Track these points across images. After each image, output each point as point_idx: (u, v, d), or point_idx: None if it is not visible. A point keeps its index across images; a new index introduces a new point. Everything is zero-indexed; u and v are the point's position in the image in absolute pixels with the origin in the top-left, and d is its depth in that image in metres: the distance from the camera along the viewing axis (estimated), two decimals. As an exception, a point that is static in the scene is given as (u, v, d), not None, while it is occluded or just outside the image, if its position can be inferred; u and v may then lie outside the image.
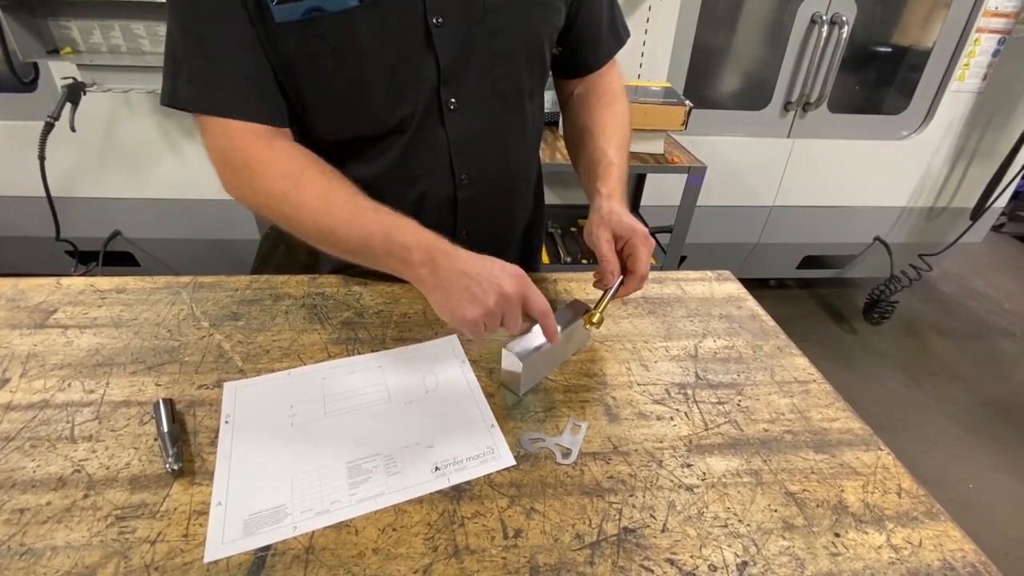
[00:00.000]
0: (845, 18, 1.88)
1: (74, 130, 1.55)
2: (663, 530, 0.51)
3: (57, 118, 1.54)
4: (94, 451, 0.56)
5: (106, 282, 0.82)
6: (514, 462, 0.57)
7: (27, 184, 1.68)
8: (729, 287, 0.90)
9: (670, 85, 1.89)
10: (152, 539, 0.48)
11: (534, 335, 0.66)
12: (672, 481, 0.56)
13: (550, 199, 0.91)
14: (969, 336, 2.49)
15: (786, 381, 0.71)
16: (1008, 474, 1.81)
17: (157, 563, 0.46)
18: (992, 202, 2.14)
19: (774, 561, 0.49)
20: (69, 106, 1.54)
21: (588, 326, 0.66)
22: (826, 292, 2.72)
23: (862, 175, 2.19)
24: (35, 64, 1.69)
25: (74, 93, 1.54)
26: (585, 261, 1.87)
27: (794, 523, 0.53)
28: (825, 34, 1.90)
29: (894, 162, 2.18)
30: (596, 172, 0.75)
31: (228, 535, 0.49)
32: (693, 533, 0.51)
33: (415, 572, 0.47)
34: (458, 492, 0.54)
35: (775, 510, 0.54)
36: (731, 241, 2.33)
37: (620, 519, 0.52)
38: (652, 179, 2.11)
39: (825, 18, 1.89)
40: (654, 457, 0.59)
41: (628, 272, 0.67)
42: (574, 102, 0.85)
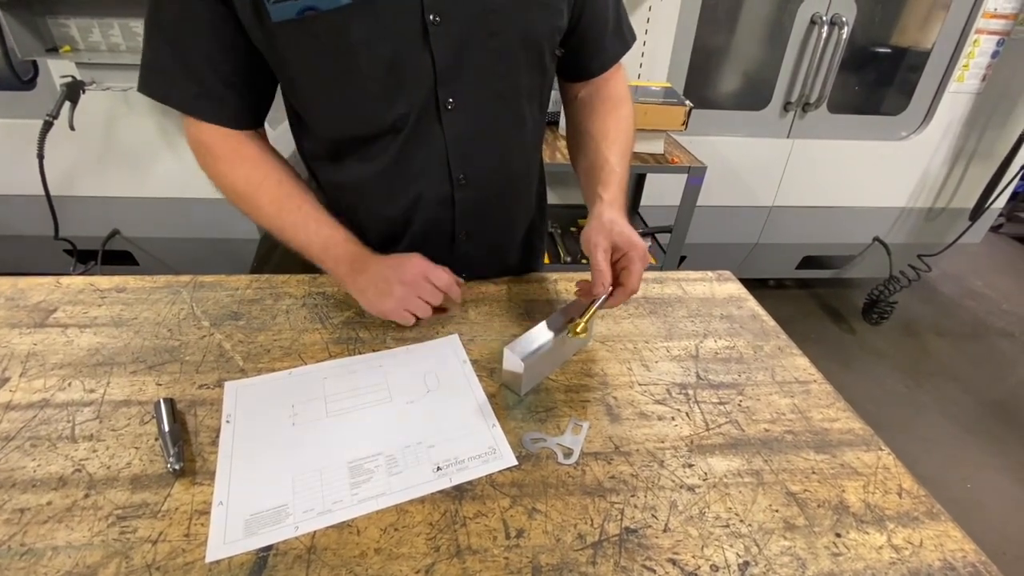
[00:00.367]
0: (845, 19, 1.88)
1: (73, 128, 1.54)
2: (665, 530, 0.51)
3: (56, 116, 1.53)
4: (95, 451, 0.56)
5: (106, 281, 0.82)
6: (516, 462, 0.57)
7: (26, 183, 1.68)
8: (730, 287, 0.90)
9: (670, 85, 1.89)
10: (153, 539, 0.48)
11: (535, 335, 0.66)
12: (674, 481, 0.56)
13: (550, 199, 0.91)
14: (968, 336, 2.49)
15: (787, 381, 0.71)
16: (1006, 474, 1.81)
17: (158, 563, 0.46)
18: (991, 203, 2.15)
19: (775, 561, 0.49)
20: (68, 104, 1.53)
21: (573, 335, 0.65)
22: (825, 292, 2.73)
23: (861, 175, 2.20)
24: (34, 62, 1.68)
25: (73, 91, 1.53)
26: (584, 261, 1.87)
27: (795, 523, 0.53)
28: (825, 34, 1.90)
29: (893, 163, 2.18)
30: (597, 177, 0.75)
31: (230, 535, 0.49)
32: (695, 533, 0.51)
33: (417, 572, 0.47)
34: (460, 492, 0.54)
35: (776, 510, 0.54)
36: (730, 241, 2.33)
37: (622, 519, 0.52)
38: (652, 179, 2.11)
39: (825, 19, 1.90)
40: (655, 457, 0.59)
41: (618, 285, 0.67)
42: (578, 105, 0.85)
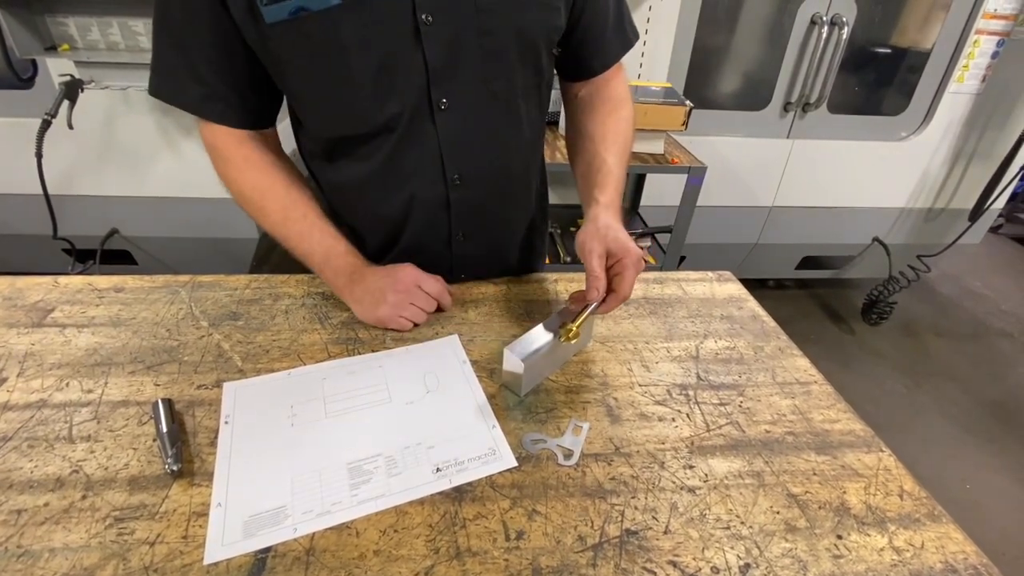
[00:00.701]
0: (845, 19, 1.88)
1: (71, 127, 1.54)
2: (665, 532, 0.51)
3: (54, 115, 1.53)
4: (92, 451, 0.55)
5: (104, 281, 0.82)
6: (516, 463, 0.57)
7: (24, 182, 1.67)
8: (730, 288, 0.90)
9: (670, 85, 1.89)
10: (151, 541, 0.48)
11: (535, 336, 0.66)
12: (674, 483, 0.56)
13: (550, 199, 0.90)
14: (967, 337, 2.49)
15: (787, 382, 0.71)
16: (1005, 474, 1.82)
17: (156, 565, 0.46)
18: (990, 203, 2.15)
19: (776, 563, 0.49)
20: (67, 103, 1.52)
21: (564, 340, 0.64)
22: (824, 293, 2.73)
23: (861, 176, 2.20)
24: (33, 61, 1.68)
25: (72, 90, 1.53)
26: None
27: (796, 525, 0.53)
28: (825, 35, 1.90)
29: (893, 163, 2.19)
30: (594, 179, 0.75)
31: (228, 537, 0.48)
32: (695, 535, 0.51)
33: (416, 574, 0.46)
34: (459, 493, 0.54)
35: (777, 512, 0.54)
36: (730, 241, 2.33)
37: (622, 521, 0.52)
38: (652, 179, 2.11)
39: (825, 19, 1.90)
40: (656, 458, 0.59)
41: (611, 291, 0.66)
42: (577, 105, 0.84)
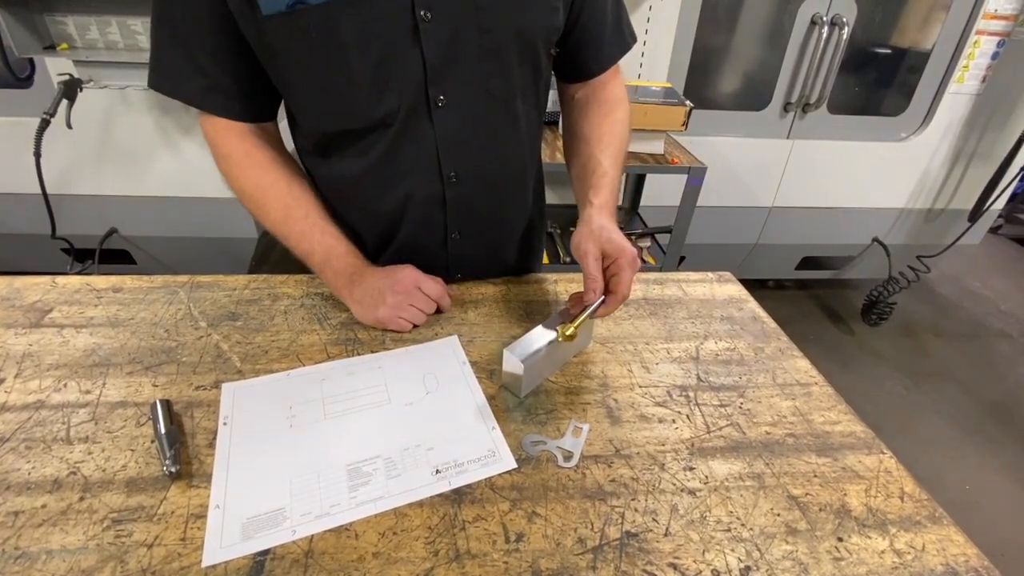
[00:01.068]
0: (845, 19, 1.88)
1: (70, 127, 1.54)
2: (666, 534, 0.51)
3: (53, 115, 1.52)
4: (90, 453, 0.55)
5: (103, 281, 0.81)
6: (515, 465, 0.57)
7: (23, 181, 1.67)
8: (730, 288, 0.90)
9: (670, 85, 1.88)
10: (149, 543, 0.47)
11: (535, 337, 0.65)
12: (674, 484, 0.56)
13: (550, 199, 0.90)
14: (966, 337, 2.49)
15: (788, 383, 0.71)
16: (1005, 475, 1.82)
17: (154, 567, 0.46)
18: (990, 204, 2.15)
19: (777, 566, 0.49)
20: (65, 102, 1.52)
21: (561, 340, 0.64)
22: (824, 293, 2.73)
23: (861, 176, 2.20)
24: (31, 60, 1.67)
25: (70, 89, 1.52)
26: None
27: (797, 527, 0.52)
28: (825, 35, 1.90)
29: (893, 163, 2.18)
30: (589, 181, 0.75)
31: (226, 539, 0.48)
32: (696, 537, 0.51)
33: (416, 577, 0.46)
34: (459, 495, 0.53)
35: (778, 514, 0.54)
36: (730, 242, 2.33)
37: (622, 523, 0.52)
38: (652, 179, 2.11)
39: (825, 19, 1.89)
40: (656, 460, 0.58)
41: (609, 292, 0.67)
42: (574, 106, 0.84)
